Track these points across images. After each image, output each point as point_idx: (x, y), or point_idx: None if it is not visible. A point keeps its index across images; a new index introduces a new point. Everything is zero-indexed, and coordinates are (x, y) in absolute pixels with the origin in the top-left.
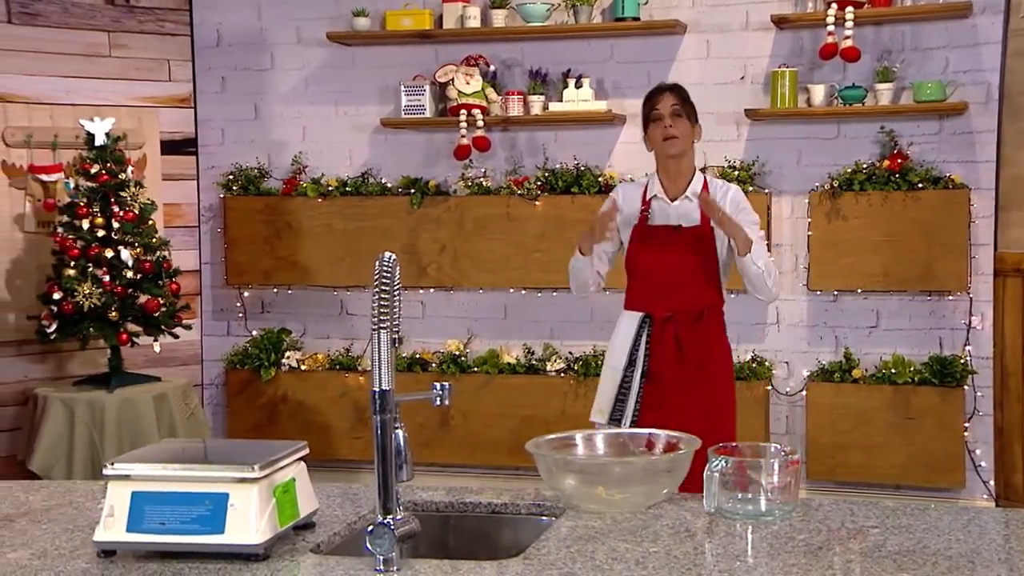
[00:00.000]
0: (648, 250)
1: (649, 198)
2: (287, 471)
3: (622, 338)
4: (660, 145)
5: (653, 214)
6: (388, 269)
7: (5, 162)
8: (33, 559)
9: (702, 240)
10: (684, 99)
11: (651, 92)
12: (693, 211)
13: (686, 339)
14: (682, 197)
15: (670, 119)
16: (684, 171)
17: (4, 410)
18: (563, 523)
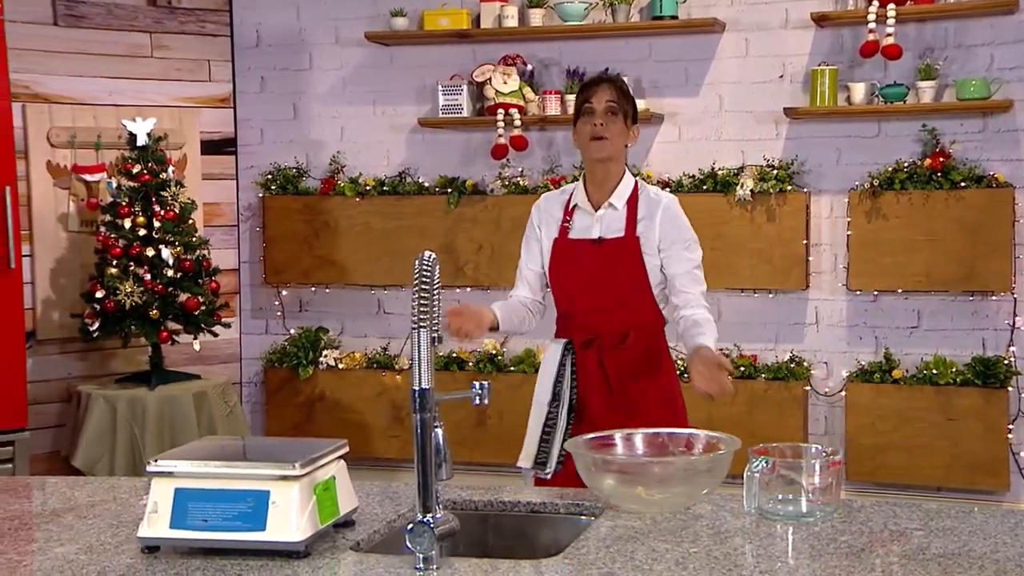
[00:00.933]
0: (568, 267)
1: (572, 207)
2: (327, 469)
3: (546, 370)
4: (587, 145)
5: (573, 226)
6: (428, 268)
7: (50, 162)
8: (80, 554)
9: (626, 253)
10: (623, 95)
11: (586, 82)
12: (617, 220)
13: (611, 365)
14: (606, 205)
15: (602, 117)
16: (612, 176)
17: (48, 407)
18: (602, 523)
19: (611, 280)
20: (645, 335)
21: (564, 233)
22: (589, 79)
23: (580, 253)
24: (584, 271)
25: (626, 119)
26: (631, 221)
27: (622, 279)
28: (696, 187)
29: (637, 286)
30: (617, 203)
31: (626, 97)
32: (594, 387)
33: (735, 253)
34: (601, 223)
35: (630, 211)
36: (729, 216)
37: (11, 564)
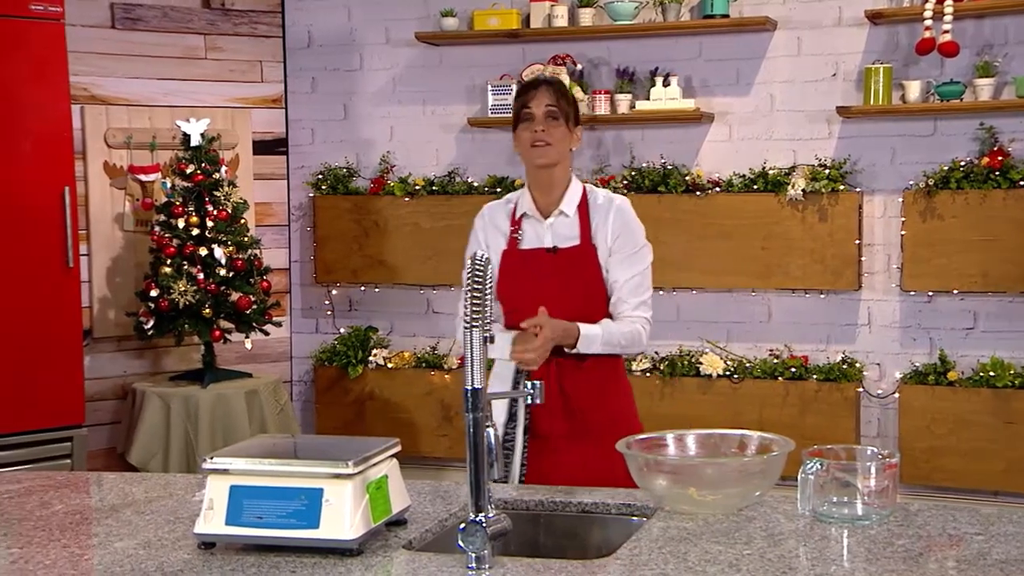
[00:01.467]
0: (521, 280)
1: (519, 216)
2: (380, 468)
3: (499, 388)
4: (528, 152)
5: (523, 236)
6: (480, 268)
7: (107, 163)
8: (139, 549)
9: (583, 263)
10: (563, 97)
11: (524, 85)
12: (569, 228)
13: (571, 385)
14: (556, 213)
15: (543, 122)
16: (558, 182)
17: (104, 404)
18: (654, 524)
19: (568, 291)
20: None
21: (514, 244)
22: (526, 82)
23: (534, 264)
24: (539, 283)
25: (568, 122)
26: (584, 228)
27: (580, 289)
28: (747, 187)
29: (595, 297)
30: (568, 209)
31: (567, 99)
32: (551, 408)
33: (786, 253)
34: (553, 231)
35: (582, 217)
36: (780, 216)
37: (73, 557)
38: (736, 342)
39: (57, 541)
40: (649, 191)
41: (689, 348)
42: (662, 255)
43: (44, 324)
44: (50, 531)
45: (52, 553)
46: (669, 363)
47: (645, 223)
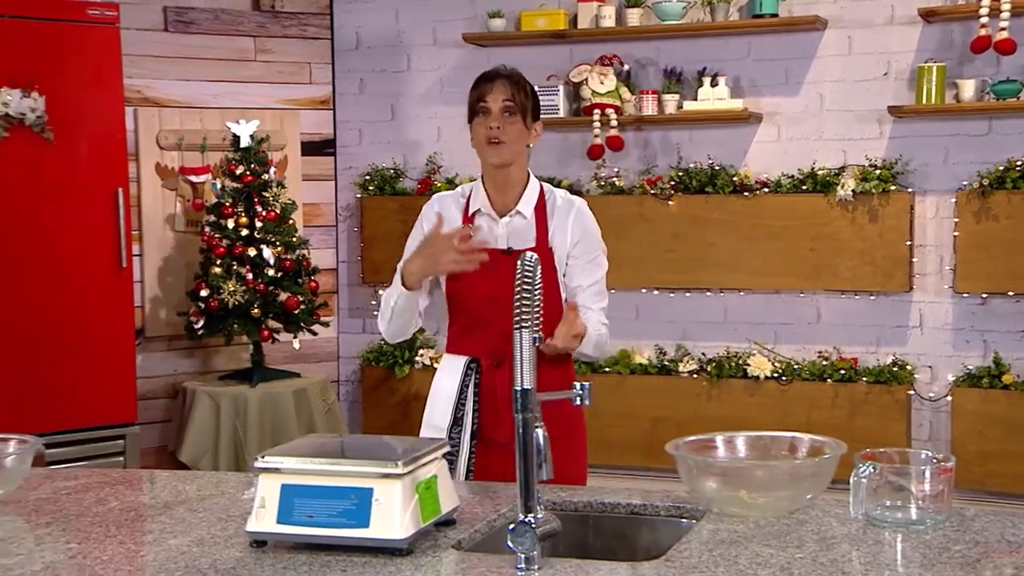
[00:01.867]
0: (471, 279)
1: (472, 213)
2: (429, 468)
3: (443, 391)
4: (483, 149)
5: (475, 233)
6: (530, 269)
7: (159, 164)
8: (192, 546)
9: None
10: (521, 91)
11: (481, 77)
12: (527, 229)
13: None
14: (513, 212)
15: (498, 118)
16: (514, 180)
17: (156, 402)
18: (704, 526)
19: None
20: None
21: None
22: (483, 74)
23: (487, 264)
24: (490, 284)
25: (525, 117)
26: (541, 229)
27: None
28: (795, 187)
29: (549, 300)
30: (525, 210)
31: (525, 93)
32: (503, 411)
33: (835, 254)
34: (508, 231)
35: (539, 219)
36: (829, 217)
37: (129, 554)
38: (784, 344)
39: (113, 537)
40: (696, 192)
41: (736, 350)
42: (708, 255)
43: (98, 323)
44: (106, 527)
45: (109, 549)
46: (716, 365)
47: (692, 224)
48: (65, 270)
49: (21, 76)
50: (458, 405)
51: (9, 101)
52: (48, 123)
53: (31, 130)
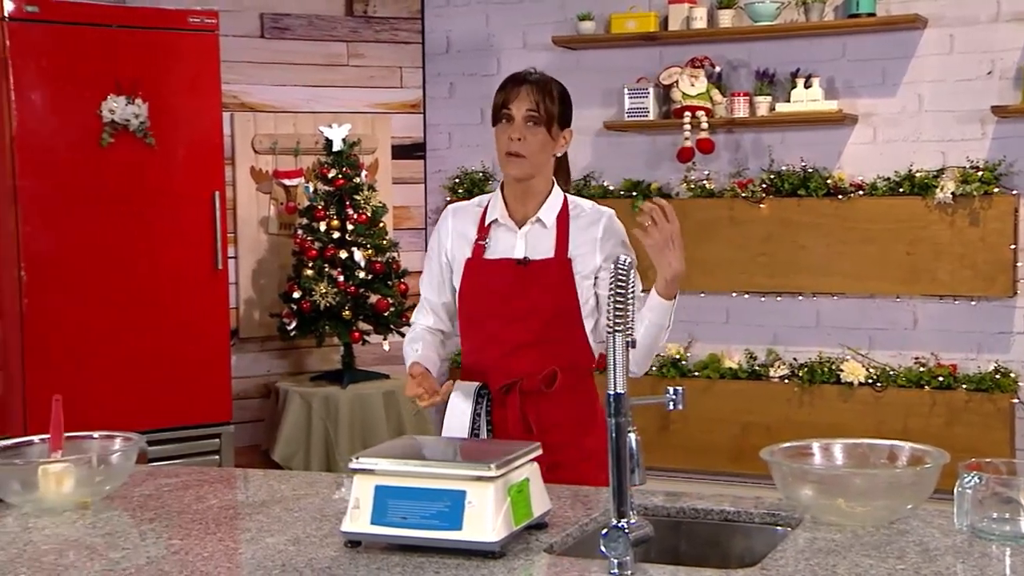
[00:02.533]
0: (483, 293)
1: (488, 223)
2: (521, 471)
3: (454, 422)
4: (503, 160)
5: (491, 244)
6: (624, 273)
7: (253, 168)
8: (288, 545)
9: (557, 277)
10: (548, 97)
11: (505, 82)
12: (545, 239)
13: (535, 414)
14: (532, 221)
15: (520, 129)
16: (536, 192)
17: (249, 402)
18: (800, 534)
19: (537, 309)
20: (574, 377)
21: (479, 252)
22: (509, 77)
23: (499, 276)
24: (503, 297)
25: (550, 127)
26: (562, 240)
27: (550, 307)
28: (891, 190)
29: (567, 317)
30: (546, 219)
31: (552, 99)
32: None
33: (934, 258)
34: (526, 241)
35: (560, 228)
36: (927, 220)
37: (228, 551)
38: (879, 349)
39: (213, 534)
40: (788, 194)
41: (829, 355)
42: (800, 259)
43: (194, 324)
44: (206, 524)
45: (209, 546)
46: (808, 370)
47: (783, 227)
48: (164, 272)
49: (126, 83)
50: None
51: (115, 108)
52: (150, 129)
53: (134, 136)
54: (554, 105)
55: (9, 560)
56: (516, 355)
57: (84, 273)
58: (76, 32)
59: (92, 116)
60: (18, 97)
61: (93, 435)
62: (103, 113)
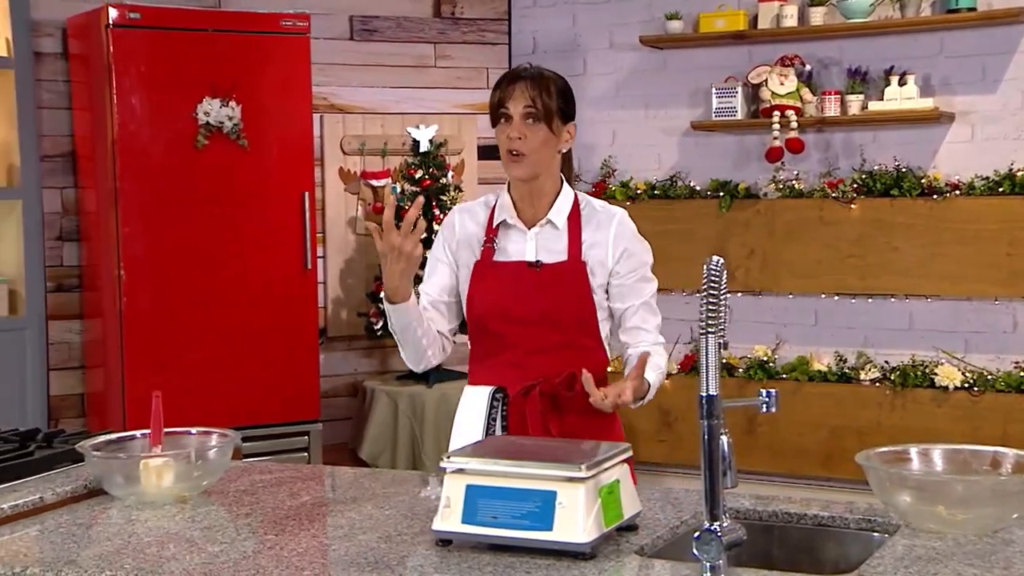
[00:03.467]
0: (493, 298)
1: (496, 224)
2: (612, 472)
3: (468, 426)
4: (504, 160)
5: (500, 247)
6: (716, 273)
7: (342, 169)
8: (381, 542)
9: (572, 280)
10: (546, 92)
11: (502, 79)
12: (556, 241)
13: (555, 418)
14: (543, 222)
15: (520, 127)
16: (545, 190)
17: (337, 400)
18: (898, 541)
19: (551, 313)
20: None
21: (488, 255)
22: (504, 74)
23: (512, 279)
24: (515, 301)
25: (551, 122)
26: (575, 242)
27: (566, 311)
28: (990, 190)
29: (582, 321)
30: (557, 220)
31: (550, 94)
32: None
33: None
34: (537, 243)
35: (572, 230)
36: None
37: (322, 547)
38: (975, 353)
39: (307, 530)
40: (881, 195)
41: (923, 358)
42: (893, 260)
43: (284, 323)
44: (300, 520)
45: (303, 542)
46: (900, 373)
47: (875, 228)
48: (255, 272)
49: (220, 86)
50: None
51: (210, 111)
52: (243, 131)
53: (228, 138)
54: (552, 100)
55: (115, 551)
56: (531, 360)
57: (179, 273)
58: (174, 37)
59: (188, 119)
60: (119, 102)
61: (191, 431)
62: (198, 116)
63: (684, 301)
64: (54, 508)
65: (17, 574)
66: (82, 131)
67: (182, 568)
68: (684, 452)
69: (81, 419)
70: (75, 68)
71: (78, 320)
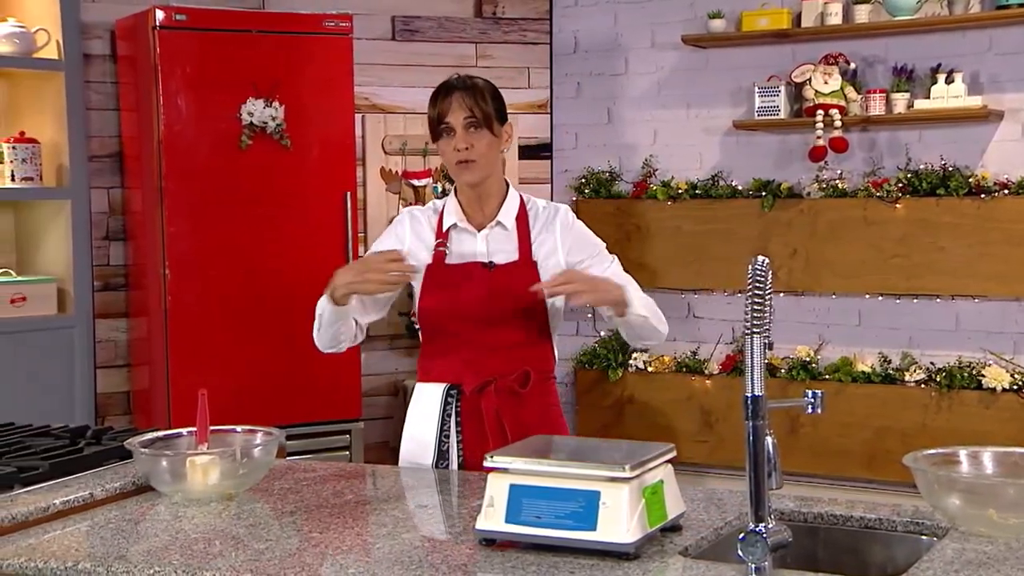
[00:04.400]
0: (449, 299)
1: (447, 228)
2: (656, 472)
3: (422, 423)
4: (454, 169)
5: (451, 249)
6: (761, 273)
7: (383, 168)
8: (424, 541)
9: (524, 279)
10: (482, 99)
11: (436, 92)
12: (506, 241)
13: (510, 416)
14: (492, 224)
15: (464, 138)
16: (492, 192)
17: (377, 399)
18: (947, 544)
19: (505, 313)
20: (540, 380)
21: (440, 258)
22: (439, 87)
23: (466, 281)
24: (469, 302)
25: (491, 126)
26: (524, 241)
27: (518, 311)
28: None
29: (535, 320)
30: (506, 220)
31: (485, 100)
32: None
33: None
34: (488, 244)
35: (521, 229)
36: None
37: (366, 546)
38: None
39: (351, 528)
40: (927, 194)
41: (969, 359)
42: (938, 260)
43: None
44: (344, 518)
45: (348, 540)
46: (946, 374)
47: (920, 227)
48: (297, 271)
49: (264, 86)
50: (440, 438)
51: (254, 111)
52: (286, 130)
53: (271, 138)
54: (488, 105)
55: (163, 546)
56: (484, 358)
57: (222, 271)
58: (219, 38)
59: (232, 119)
60: (165, 102)
61: (236, 429)
62: (242, 116)
63: (726, 301)
64: (104, 504)
65: (69, 568)
66: (129, 132)
67: (228, 564)
68: (725, 453)
69: (127, 416)
70: (123, 69)
71: (124, 319)
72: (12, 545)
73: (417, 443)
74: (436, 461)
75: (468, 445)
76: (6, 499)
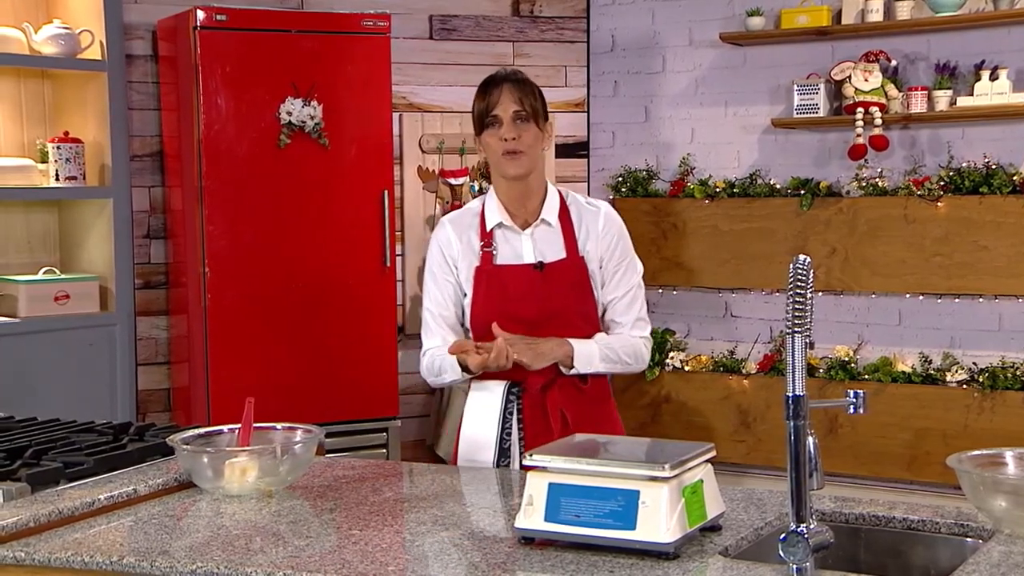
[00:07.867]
0: (500, 299)
1: (490, 229)
2: (695, 472)
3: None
4: (500, 162)
5: (498, 250)
6: (803, 272)
7: (420, 167)
8: (463, 539)
9: (575, 278)
10: (530, 93)
11: (483, 85)
12: (553, 239)
13: (574, 412)
14: (537, 223)
15: (511, 128)
16: (534, 190)
17: (415, 397)
18: (993, 547)
19: (558, 311)
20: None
21: (488, 259)
22: (486, 80)
23: (515, 281)
24: (523, 302)
25: (538, 120)
26: (569, 238)
27: (574, 309)
28: None
29: (587, 315)
30: (550, 218)
31: (534, 95)
32: (556, 434)
33: None
34: (534, 243)
35: (565, 226)
36: None
37: (406, 543)
38: None
39: (390, 526)
40: (969, 192)
41: (1013, 360)
42: (981, 260)
43: (363, 321)
44: (383, 516)
45: (387, 537)
46: (990, 375)
47: (963, 226)
48: (335, 270)
49: (303, 86)
50: (501, 436)
51: (292, 110)
52: (324, 130)
53: (309, 137)
54: (536, 100)
55: (205, 542)
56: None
57: (261, 270)
58: (258, 38)
59: (271, 118)
60: (205, 102)
61: (276, 426)
62: (281, 115)
63: (764, 300)
64: (147, 499)
65: (115, 563)
66: (170, 131)
67: (269, 560)
68: (763, 453)
69: (167, 413)
70: (164, 69)
71: (164, 316)
72: (59, 539)
73: (475, 442)
74: (497, 460)
75: (532, 443)
76: (52, 494)
